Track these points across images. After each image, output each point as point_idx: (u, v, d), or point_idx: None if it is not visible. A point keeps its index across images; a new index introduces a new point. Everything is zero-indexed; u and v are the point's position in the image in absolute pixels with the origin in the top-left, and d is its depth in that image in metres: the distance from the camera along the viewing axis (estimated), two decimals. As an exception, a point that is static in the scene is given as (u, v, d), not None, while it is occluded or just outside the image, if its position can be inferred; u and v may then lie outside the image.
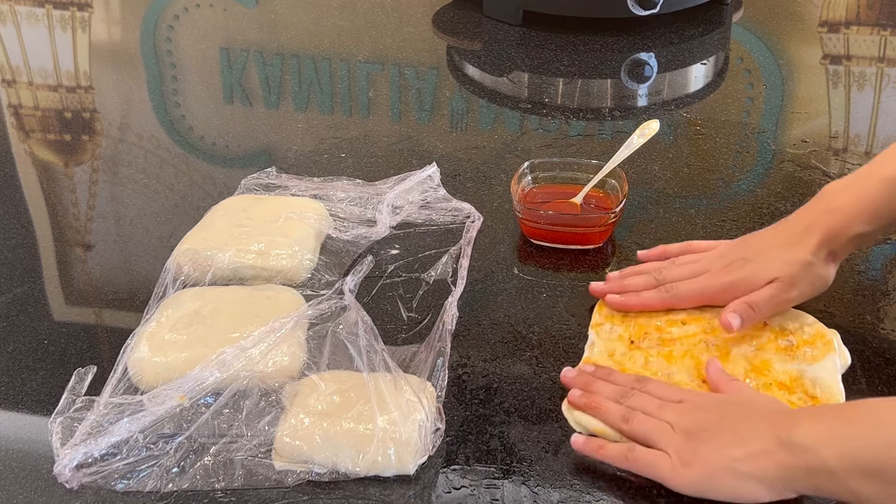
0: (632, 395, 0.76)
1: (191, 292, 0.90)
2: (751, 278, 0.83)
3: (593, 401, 0.76)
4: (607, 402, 0.76)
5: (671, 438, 0.70)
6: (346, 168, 1.16)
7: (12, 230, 1.07)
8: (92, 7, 1.71)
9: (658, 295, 0.86)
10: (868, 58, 1.48)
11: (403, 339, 0.88)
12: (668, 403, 0.74)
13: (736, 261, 0.85)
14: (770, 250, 0.84)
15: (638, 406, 0.74)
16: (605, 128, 1.28)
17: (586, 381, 0.79)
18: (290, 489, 0.72)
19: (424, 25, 1.62)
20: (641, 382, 0.77)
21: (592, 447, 0.74)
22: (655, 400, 0.74)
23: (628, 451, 0.72)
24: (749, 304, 0.81)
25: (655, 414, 0.73)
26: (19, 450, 0.77)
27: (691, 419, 0.71)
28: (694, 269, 0.87)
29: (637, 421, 0.73)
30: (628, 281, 0.88)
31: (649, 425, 0.72)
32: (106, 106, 1.40)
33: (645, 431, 0.72)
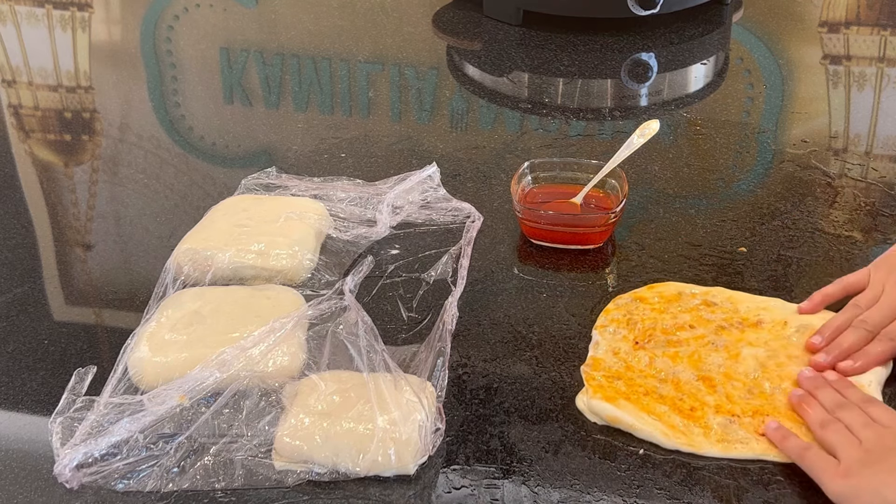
0: (847, 409, 0.76)
1: (191, 292, 0.90)
2: None
3: (806, 401, 0.78)
4: (818, 406, 0.77)
5: (852, 452, 0.71)
6: (346, 168, 1.16)
7: (12, 230, 1.07)
8: (92, 7, 1.71)
9: (885, 346, 0.83)
10: (868, 58, 1.48)
11: (403, 339, 0.88)
12: (874, 425, 0.73)
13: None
14: None
15: (845, 419, 0.75)
16: (605, 128, 1.28)
17: (817, 384, 0.79)
18: (290, 489, 0.72)
19: (424, 25, 1.62)
20: (867, 403, 0.77)
21: (779, 436, 0.75)
22: (865, 418, 0.74)
23: (806, 448, 0.73)
24: None
25: (856, 430, 0.73)
26: (19, 450, 0.77)
27: (883, 442, 0.71)
28: (890, 306, 0.85)
29: (832, 430, 0.74)
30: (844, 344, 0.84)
31: (841, 437, 0.73)
32: (106, 106, 1.40)
33: (834, 441, 0.73)
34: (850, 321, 0.86)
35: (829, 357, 0.83)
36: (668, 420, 0.77)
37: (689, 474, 0.74)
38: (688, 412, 0.78)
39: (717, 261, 0.97)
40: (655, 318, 0.88)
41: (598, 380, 0.81)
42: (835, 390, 0.78)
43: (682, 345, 0.84)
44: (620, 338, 0.86)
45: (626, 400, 0.79)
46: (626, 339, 0.86)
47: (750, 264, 0.97)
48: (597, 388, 0.80)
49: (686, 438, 0.76)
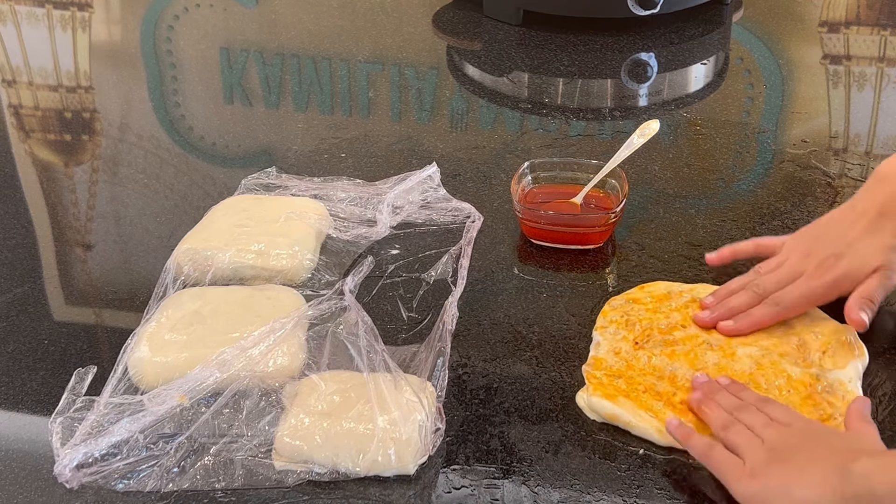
0: (746, 410, 0.76)
1: (191, 292, 0.90)
2: (853, 273, 0.83)
3: (706, 405, 0.77)
4: (719, 409, 0.76)
5: (756, 452, 0.71)
6: (346, 168, 1.16)
7: (12, 230, 1.07)
8: (92, 7, 1.71)
9: (769, 309, 0.84)
10: (868, 58, 1.48)
11: (403, 339, 0.88)
12: (774, 424, 0.73)
13: (827, 258, 0.84)
14: (858, 241, 0.84)
15: (745, 420, 0.74)
16: (605, 128, 1.28)
17: (713, 389, 0.79)
18: (290, 489, 0.72)
19: (424, 25, 1.62)
20: (764, 403, 0.77)
21: (682, 433, 0.75)
22: (765, 419, 0.74)
23: (710, 447, 0.73)
24: (868, 298, 0.82)
25: (758, 430, 0.73)
26: (19, 450, 0.77)
27: (784, 440, 0.71)
28: (787, 275, 0.85)
29: (734, 431, 0.73)
30: (732, 303, 0.86)
31: (743, 438, 0.73)
32: (106, 106, 1.40)
33: (737, 443, 0.72)
34: (744, 285, 0.86)
35: (712, 314, 0.85)
36: (664, 417, 0.77)
37: (689, 474, 0.74)
38: (681, 407, 0.78)
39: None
40: (651, 318, 0.88)
41: (599, 378, 0.81)
42: (730, 394, 0.78)
43: (678, 344, 0.85)
44: (621, 338, 0.86)
45: (626, 397, 0.79)
46: (626, 339, 0.86)
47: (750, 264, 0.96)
48: (597, 386, 0.80)
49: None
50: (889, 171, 0.85)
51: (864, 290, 0.82)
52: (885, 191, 0.84)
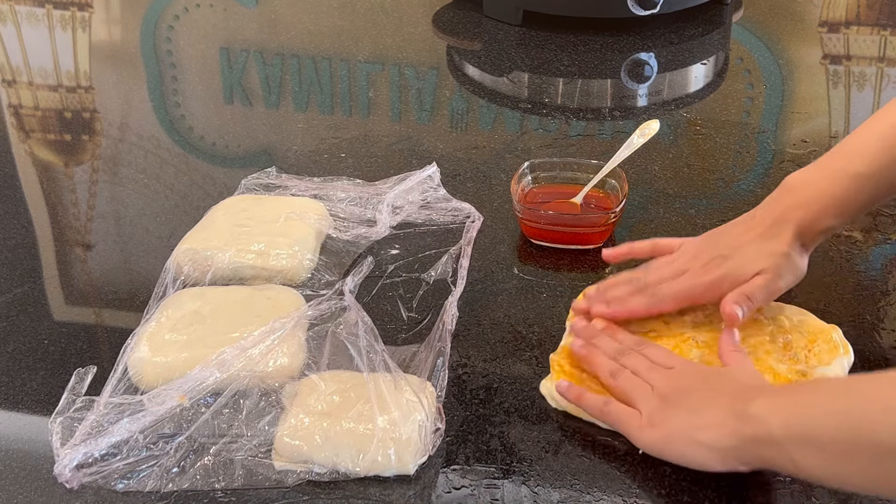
0: (628, 354, 0.79)
1: (191, 292, 0.90)
2: (734, 274, 0.83)
3: (590, 353, 0.80)
4: (602, 356, 0.79)
5: (648, 399, 0.74)
6: (346, 168, 1.16)
7: (12, 230, 1.07)
8: (92, 7, 1.71)
9: (644, 300, 0.85)
10: (868, 58, 1.48)
11: (403, 339, 0.88)
12: (658, 367, 0.77)
13: (714, 259, 0.85)
14: (747, 245, 0.84)
15: (629, 365, 0.78)
16: (605, 128, 1.28)
17: (591, 334, 0.82)
18: (290, 489, 0.72)
19: (424, 25, 1.62)
20: (642, 345, 0.80)
21: (573, 393, 0.78)
22: (647, 362, 0.77)
23: (604, 403, 0.76)
24: (746, 295, 0.82)
25: (644, 375, 0.76)
26: (19, 450, 0.77)
27: (672, 385, 0.74)
28: (672, 271, 0.87)
29: (623, 378, 0.77)
30: (611, 292, 0.87)
31: (632, 384, 0.76)
32: (106, 106, 1.40)
33: (627, 389, 0.76)
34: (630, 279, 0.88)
35: (588, 301, 0.87)
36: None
37: (689, 474, 0.73)
38: None
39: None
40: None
41: (563, 366, 0.82)
42: (610, 337, 0.81)
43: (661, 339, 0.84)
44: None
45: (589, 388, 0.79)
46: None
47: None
48: (559, 374, 0.81)
49: None
50: (795, 182, 0.85)
51: (745, 287, 0.82)
52: (787, 201, 0.84)
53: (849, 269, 0.95)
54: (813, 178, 0.85)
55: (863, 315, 0.90)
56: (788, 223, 0.83)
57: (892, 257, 0.99)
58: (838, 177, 0.83)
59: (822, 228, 0.83)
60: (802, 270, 0.85)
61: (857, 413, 0.62)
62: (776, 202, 0.85)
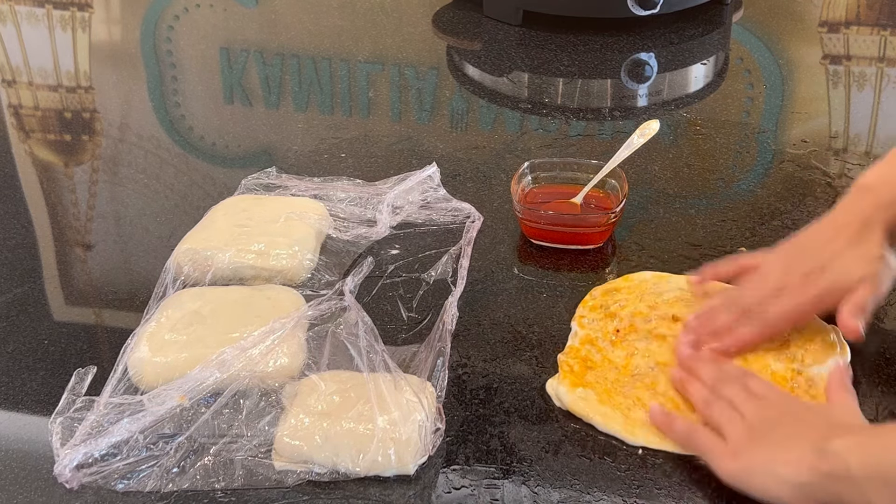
0: (727, 384, 0.76)
1: (191, 292, 0.90)
2: (838, 285, 0.81)
3: (687, 380, 0.79)
4: (698, 384, 0.78)
5: (737, 430, 0.72)
6: (346, 168, 1.16)
7: (12, 230, 1.07)
8: (92, 7, 1.71)
9: (755, 328, 0.83)
10: (868, 58, 1.48)
11: (403, 339, 0.88)
12: (753, 398, 0.74)
13: (812, 271, 0.82)
14: (842, 253, 0.82)
15: (726, 395, 0.75)
16: (605, 128, 1.28)
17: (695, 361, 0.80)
18: (290, 489, 0.72)
19: (424, 25, 1.62)
20: (745, 375, 0.78)
21: (664, 421, 0.76)
22: (745, 393, 0.75)
23: (692, 430, 0.74)
24: (860, 306, 0.81)
25: (738, 405, 0.74)
26: (19, 450, 0.77)
27: (761, 416, 0.72)
28: (770, 291, 0.84)
29: (716, 408, 0.75)
30: (716, 324, 0.84)
31: (724, 415, 0.74)
32: (106, 106, 1.40)
33: (718, 419, 0.74)
34: (726, 302, 0.86)
35: (696, 337, 0.84)
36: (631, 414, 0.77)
37: (689, 474, 0.74)
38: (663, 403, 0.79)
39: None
40: (634, 307, 0.88)
41: (572, 366, 0.82)
42: (714, 365, 0.79)
43: (667, 339, 0.85)
44: (599, 328, 0.86)
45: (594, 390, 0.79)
46: (605, 329, 0.86)
47: (750, 264, 0.97)
48: (566, 375, 0.81)
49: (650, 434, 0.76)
50: (870, 181, 0.84)
51: (855, 298, 0.81)
52: (868, 201, 0.83)
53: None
54: (889, 175, 0.84)
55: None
56: (876, 224, 0.82)
57: (892, 257, 0.99)
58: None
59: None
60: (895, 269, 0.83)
61: None
62: (856, 204, 0.84)
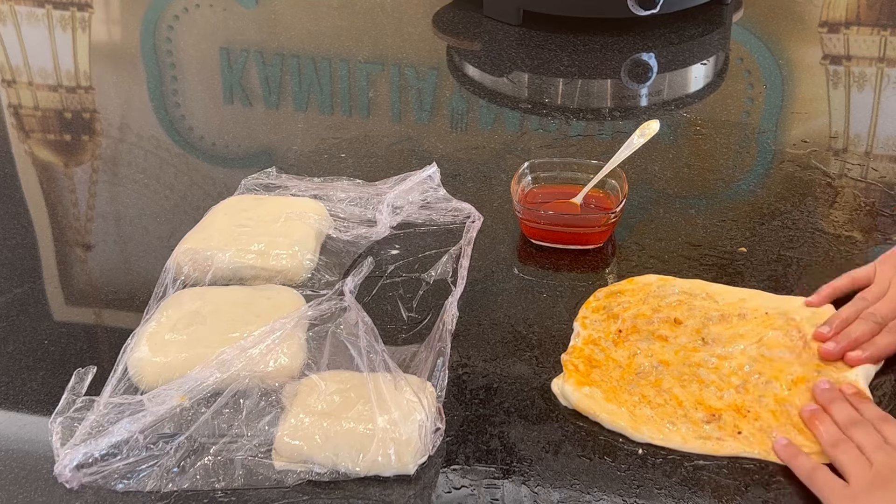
0: (861, 428, 0.74)
1: (191, 292, 0.90)
2: None
3: (818, 417, 0.76)
4: (829, 423, 0.76)
5: (864, 475, 0.70)
6: (346, 168, 1.16)
7: (12, 230, 1.07)
8: (92, 7, 1.71)
9: (892, 338, 0.83)
10: (868, 58, 1.48)
11: (403, 339, 0.88)
12: (887, 447, 0.72)
13: None
14: None
15: (857, 439, 0.73)
16: (605, 128, 1.28)
17: (831, 398, 0.78)
18: (290, 489, 0.72)
19: (424, 25, 1.62)
20: (882, 421, 0.75)
21: (788, 453, 0.74)
22: (878, 439, 0.73)
23: (814, 470, 0.72)
24: None
25: (868, 452, 0.72)
26: (19, 450, 0.77)
27: (891, 464, 0.70)
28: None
29: (842, 450, 0.73)
30: (855, 334, 0.84)
31: (852, 459, 0.71)
32: (106, 106, 1.40)
33: (844, 462, 0.72)
34: (857, 313, 0.85)
35: (838, 346, 0.83)
36: (637, 411, 0.78)
37: (689, 474, 0.74)
38: (657, 405, 0.78)
39: (717, 261, 0.97)
40: (637, 309, 0.88)
41: (577, 366, 0.82)
42: (850, 405, 0.77)
43: (668, 340, 0.85)
44: (601, 328, 0.86)
45: (600, 388, 0.79)
46: (608, 330, 0.86)
47: (750, 264, 0.97)
48: (571, 374, 0.81)
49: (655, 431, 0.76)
50: None
51: None
52: None
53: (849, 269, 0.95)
54: None
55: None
56: None
57: (892, 257, 0.99)
58: None
59: None
60: None
61: None
62: None
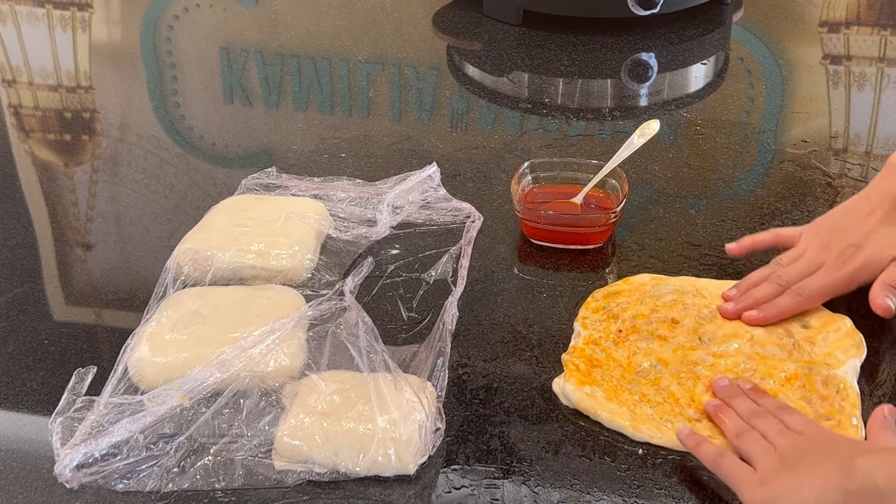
0: (763, 417, 0.76)
1: (191, 292, 0.90)
2: (872, 263, 0.84)
3: (722, 411, 0.77)
4: (733, 416, 0.77)
5: (768, 460, 0.71)
6: (346, 168, 1.16)
7: (12, 230, 1.07)
8: (92, 7, 1.71)
9: (792, 299, 0.85)
10: (868, 58, 1.48)
11: (403, 339, 0.88)
12: (788, 432, 0.73)
13: (847, 248, 0.85)
14: (876, 230, 0.85)
15: (760, 428, 0.74)
16: (605, 128, 1.28)
17: (731, 394, 0.79)
18: (290, 489, 0.72)
19: (424, 25, 1.62)
20: (782, 410, 0.77)
21: (692, 441, 0.75)
22: (780, 426, 0.74)
23: (720, 455, 0.73)
24: (890, 284, 0.82)
25: (771, 438, 0.73)
26: (19, 450, 0.77)
27: (796, 449, 0.71)
28: (807, 266, 0.87)
29: (747, 439, 0.74)
30: (757, 294, 0.86)
31: (756, 446, 0.73)
32: (106, 106, 1.40)
33: (749, 450, 0.73)
34: (766, 277, 0.87)
35: (737, 306, 0.86)
36: (637, 410, 0.78)
37: (689, 474, 0.74)
38: (656, 404, 0.79)
39: (717, 261, 0.97)
40: (635, 309, 0.88)
41: (578, 365, 0.82)
42: (750, 399, 0.78)
43: (667, 340, 0.85)
44: (602, 329, 0.87)
45: (601, 388, 0.80)
46: (608, 330, 0.86)
47: (750, 264, 0.96)
48: (573, 373, 0.81)
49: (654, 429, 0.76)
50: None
51: (886, 276, 0.83)
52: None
53: (849, 269, 0.95)
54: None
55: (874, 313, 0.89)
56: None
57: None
58: None
59: None
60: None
61: None
62: (887, 181, 0.86)
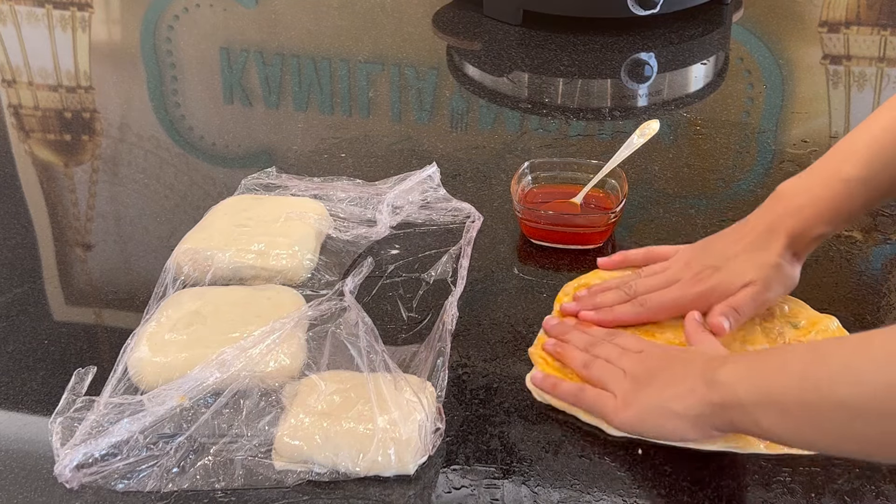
0: (599, 345, 0.80)
1: (191, 292, 0.90)
2: (723, 285, 0.83)
3: (563, 348, 0.82)
4: (575, 350, 0.81)
5: (621, 383, 0.75)
6: (346, 168, 1.16)
7: (12, 230, 1.07)
8: (92, 7, 1.71)
9: (632, 308, 0.85)
10: (868, 58, 1.48)
11: (403, 339, 0.88)
12: (628, 353, 0.78)
13: (705, 269, 0.85)
14: (737, 255, 0.84)
15: (602, 354, 0.79)
16: (605, 128, 1.28)
17: (562, 331, 0.84)
18: (290, 489, 0.72)
19: (424, 25, 1.62)
20: (612, 335, 0.82)
21: (548, 384, 0.79)
22: (619, 350, 0.79)
23: (579, 390, 0.77)
24: (733, 307, 0.82)
25: (615, 362, 0.77)
26: (19, 450, 0.77)
27: (643, 366, 0.75)
28: (663, 280, 0.86)
29: (595, 367, 0.78)
30: (600, 298, 0.87)
31: (605, 371, 0.77)
32: (106, 106, 1.40)
33: (599, 376, 0.77)
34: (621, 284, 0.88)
35: (578, 305, 0.87)
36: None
37: (688, 474, 0.74)
38: None
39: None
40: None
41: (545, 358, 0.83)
42: (580, 331, 0.82)
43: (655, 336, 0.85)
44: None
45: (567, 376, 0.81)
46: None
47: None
48: (542, 366, 0.82)
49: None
50: (785, 189, 0.85)
51: (732, 300, 0.82)
52: (778, 209, 0.84)
53: (849, 269, 0.95)
54: (805, 184, 0.84)
55: (863, 315, 0.90)
56: (779, 232, 0.83)
57: (892, 257, 0.99)
58: (830, 182, 0.82)
59: (815, 235, 0.83)
60: (794, 280, 0.84)
61: (819, 374, 0.62)
62: (768, 210, 0.85)
